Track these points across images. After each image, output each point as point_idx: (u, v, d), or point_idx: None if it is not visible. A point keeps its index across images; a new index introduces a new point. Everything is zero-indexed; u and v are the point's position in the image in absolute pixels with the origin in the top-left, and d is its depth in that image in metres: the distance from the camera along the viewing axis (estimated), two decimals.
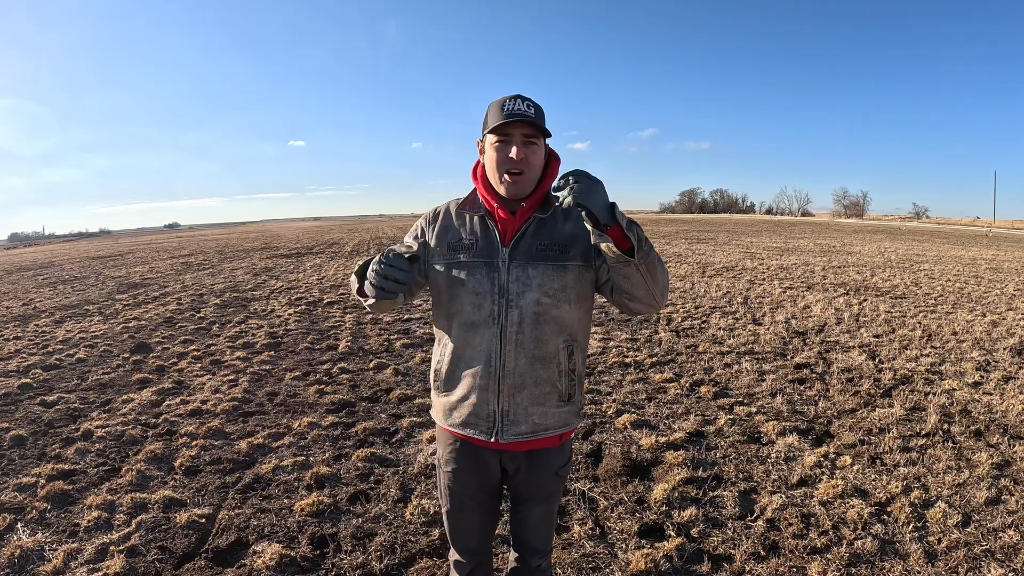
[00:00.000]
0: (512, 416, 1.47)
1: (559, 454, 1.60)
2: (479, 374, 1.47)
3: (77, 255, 21.82)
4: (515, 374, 1.45)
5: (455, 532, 1.69)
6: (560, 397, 1.49)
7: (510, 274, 1.44)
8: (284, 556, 2.41)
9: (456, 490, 1.61)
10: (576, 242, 1.46)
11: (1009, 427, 3.66)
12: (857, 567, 2.32)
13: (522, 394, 1.46)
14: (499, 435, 1.48)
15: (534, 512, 1.67)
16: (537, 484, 1.60)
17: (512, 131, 1.41)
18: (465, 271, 1.46)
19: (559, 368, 1.47)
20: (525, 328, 1.44)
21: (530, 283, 1.43)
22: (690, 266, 12.34)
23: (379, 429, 3.72)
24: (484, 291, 1.45)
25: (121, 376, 5.02)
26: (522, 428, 1.48)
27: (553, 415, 1.50)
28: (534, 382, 1.46)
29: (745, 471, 3.11)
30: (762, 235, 24.92)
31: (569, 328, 1.48)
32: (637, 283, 1.35)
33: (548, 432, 1.51)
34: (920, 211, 75.12)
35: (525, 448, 1.53)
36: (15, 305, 9.17)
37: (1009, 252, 17.78)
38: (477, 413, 1.48)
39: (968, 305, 7.88)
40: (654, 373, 4.82)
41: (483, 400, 1.47)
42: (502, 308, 1.44)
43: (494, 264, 1.45)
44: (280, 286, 10.16)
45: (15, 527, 2.66)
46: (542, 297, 1.43)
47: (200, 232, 53.16)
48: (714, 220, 49.31)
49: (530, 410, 1.48)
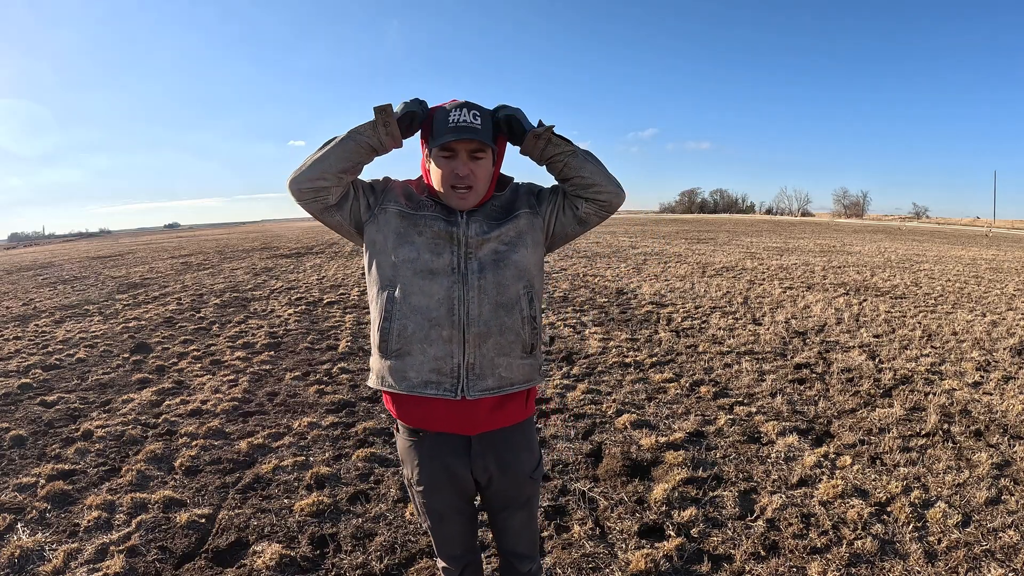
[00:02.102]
0: (478, 369, 1.43)
1: (528, 456, 1.59)
2: (442, 323, 1.40)
3: (77, 255, 21.82)
4: (480, 322, 1.41)
5: (438, 541, 1.68)
6: (524, 347, 1.47)
7: (469, 228, 1.45)
8: (284, 556, 2.41)
9: (433, 506, 1.59)
10: (521, 198, 1.53)
11: (1009, 427, 3.66)
12: (857, 567, 2.32)
13: (488, 343, 1.42)
14: (465, 390, 1.42)
15: (515, 519, 1.65)
16: (512, 491, 1.59)
17: (458, 146, 1.39)
18: (422, 222, 1.45)
19: (522, 315, 1.46)
20: (487, 274, 1.43)
21: (488, 235, 1.45)
22: (690, 266, 12.34)
23: (379, 429, 3.72)
24: (442, 239, 1.43)
25: (121, 376, 5.02)
26: (488, 382, 1.44)
27: (518, 367, 1.47)
28: (499, 330, 1.43)
29: (745, 471, 3.11)
30: (762, 235, 24.92)
31: (527, 275, 1.48)
32: (591, 169, 1.47)
33: (513, 387, 1.47)
34: (920, 211, 75.14)
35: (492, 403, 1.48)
36: (15, 305, 9.17)
37: (1009, 252, 17.78)
38: (439, 369, 1.41)
39: (968, 305, 7.88)
40: (654, 373, 4.82)
41: (447, 352, 1.41)
42: (461, 257, 1.43)
43: (453, 220, 1.46)
44: (280, 286, 10.16)
45: (15, 527, 2.66)
46: (499, 246, 1.45)
47: (200, 232, 53.15)
48: (714, 220, 49.30)
49: (496, 361, 1.44)
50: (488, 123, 1.43)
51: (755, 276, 10.73)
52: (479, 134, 1.38)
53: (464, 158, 1.40)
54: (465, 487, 1.56)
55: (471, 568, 1.73)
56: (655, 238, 21.74)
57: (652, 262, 13.12)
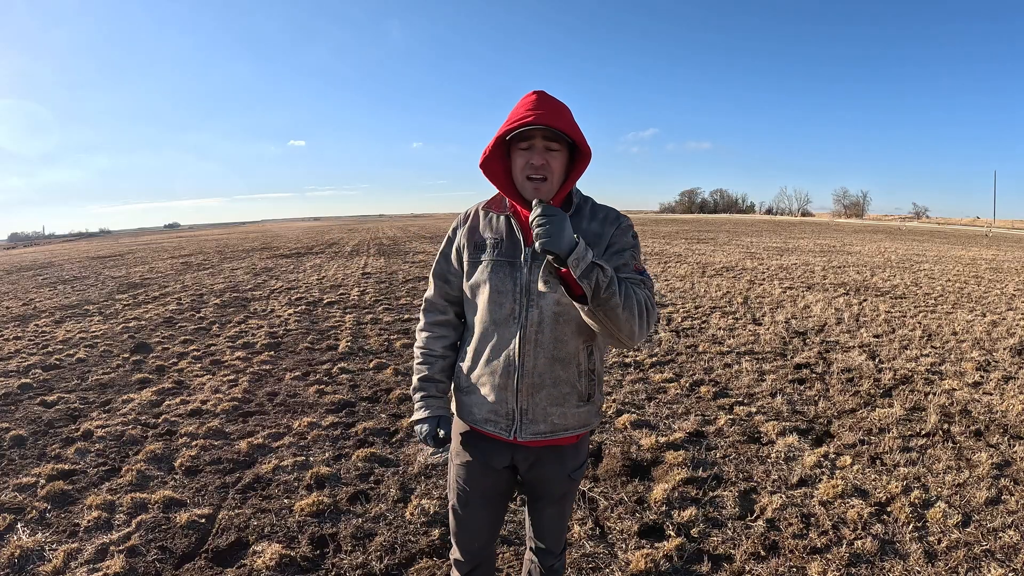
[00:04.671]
0: (531, 415, 1.47)
1: (574, 455, 1.59)
2: (498, 372, 1.46)
3: (77, 255, 21.82)
4: (534, 374, 1.45)
5: (459, 530, 1.67)
6: (580, 397, 1.49)
7: (532, 274, 1.43)
8: (284, 556, 2.41)
9: (465, 483, 1.60)
10: (600, 241, 1.44)
11: (1009, 427, 3.66)
12: (857, 567, 2.32)
13: (540, 394, 1.46)
14: (517, 433, 1.48)
15: (545, 513, 1.67)
16: (549, 485, 1.60)
17: (534, 136, 1.39)
18: (488, 270, 1.47)
19: (579, 368, 1.47)
20: (545, 328, 1.43)
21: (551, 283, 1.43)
22: (690, 266, 12.34)
23: (379, 429, 3.72)
24: (506, 290, 1.45)
25: (121, 376, 5.02)
26: (541, 427, 1.48)
27: (573, 415, 1.50)
28: (553, 382, 1.46)
29: (745, 471, 3.11)
30: (762, 235, 24.91)
31: (588, 329, 1.43)
32: (595, 324, 1.32)
33: (567, 432, 1.50)
34: (920, 211, 75.16)
35: (542, 445, 1.52)
36: (15, 305, 9.17)
37: (1009, 252, 17.78)
38: (496, 411, 1.49)
39: (968, 305, 7.87)
40: (654, 373, 4.82)
41: (502, 399, 1.47)
42: (523, 307, 1.44)
43: (516, 264, 1.45)
44: (280, 286, 10.16)
45: (15, 527, 2.66)
46: (562, 297, 1.39)
47: (200, 232, 53.14)
48: (714, 220, 49.29)
49: (549, 410, 1.47)
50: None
51: (755, 276, 10.73)
52: (550, 128, 1.36)
53: (540, 148, 1.40)
54: (502, 469, 1.57)
55: (483, 568, 1.72)
56: (655, 238, 21.75)
57: (652, 262, 13.13)
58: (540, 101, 1.40)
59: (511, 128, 1.37)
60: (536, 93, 1.42)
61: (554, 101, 1.42)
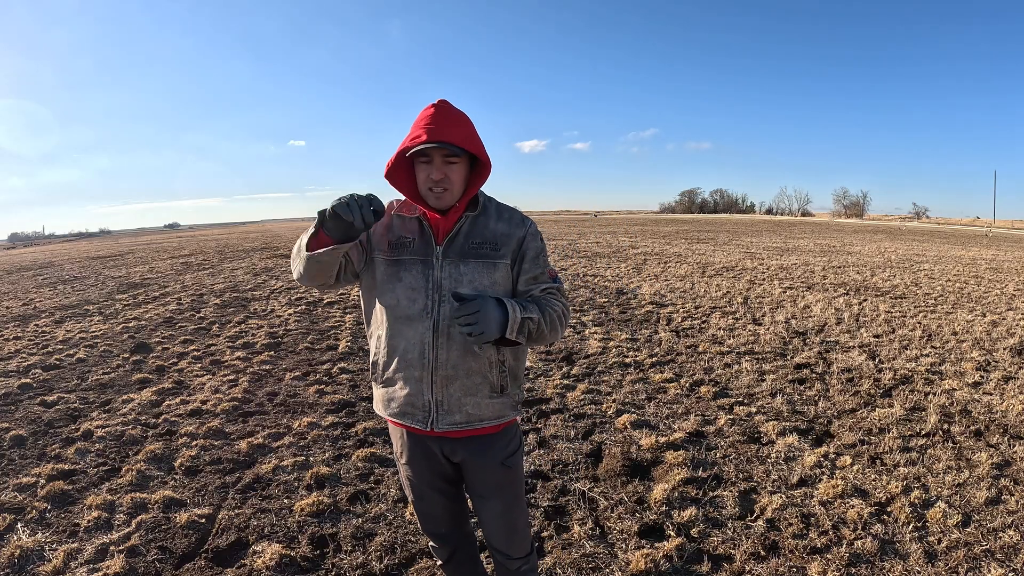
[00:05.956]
0: (447, 406, 1.53)
1: (503, 443, 1.62)
2: (413, 365, 1.52)
3: (77, 255, 21.82)
4: (447, 366, 1.51)
5: (421, 519, 1.78)
6: (492, 388, 1.55)
7: (443, 271, 1.50)
8: (284, 556, 2.41)
9: (413, 480, 1.68)
10: (507, 241, 1.53)
11: (1009, 427, 3.66)
12: (857, 567, 2.32)
13: (454, 385, 1.52)
14: (434, 424, 1.54)
15: (488, 509, 1.68)
16: (481, 473, 1.63)
17: (432, 152, 1.44)
18: (402, 267, 1.52)
19: (489, 360, 1.53)
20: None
21: (461, 279, 1.49)
22: (690, 266, 12.34)
23: (379, 429, 3.72)
24: (419, 287, 1.50)
25: (121, 376, 5.02)
26: (456, 418, 1.54)
27: (487, 406, 1.55)
28: (465, 373, 1.52)
29: (745, 471, 3.11)
30: (762, 235, 24.92)
31: None
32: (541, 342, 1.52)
33: (483, 423, 1.56)
34: (920, 211, 75.18)
35: (462, 436, 1.57)
36: (15, 305, 9.17)
37: (1009, 252, 17.78)
38: (412, 403, 1.54)
39: (968, 305, 7.87)
40: (654, 373, 4.82)
41: (418, 391, 1.53)
42: (435, 303, 1.50)
43: (429, 262, 1.51)
44: (280, 286, 10.16)
45: (15, 527, 2.66)
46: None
47: (200, 232, 53.14)
48: (714, 220, 49.29)
49: (463, 400, 1.53)
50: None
51: (755, 276, 10.73)
52: (447, 144, 1.41)
53: (438, 162, 1.45)
54: (439, 462, 1.64)
55: (462, 551, 1.79)
56: (655, 238, 21.76)
57: (652, 262, 13.13)
58: (437, 115, 1.44)
59: (407, 147, 1.43)
60: (435, 106, 1.46)
61: (453, 113, 1.46)
